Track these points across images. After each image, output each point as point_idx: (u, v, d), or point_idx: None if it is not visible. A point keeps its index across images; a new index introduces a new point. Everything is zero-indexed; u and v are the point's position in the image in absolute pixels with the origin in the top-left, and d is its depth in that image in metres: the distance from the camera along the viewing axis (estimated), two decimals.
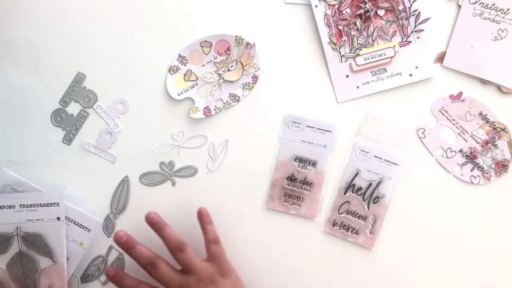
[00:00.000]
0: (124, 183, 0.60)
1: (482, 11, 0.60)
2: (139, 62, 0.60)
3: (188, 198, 0.60)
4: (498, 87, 0.60)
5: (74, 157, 0.60)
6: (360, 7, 0.60)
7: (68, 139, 0.60)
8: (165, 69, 0.60)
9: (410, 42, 0.60)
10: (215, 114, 0.60)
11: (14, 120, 0.60)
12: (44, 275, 0.58)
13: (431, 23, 0.59)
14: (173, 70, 0.60)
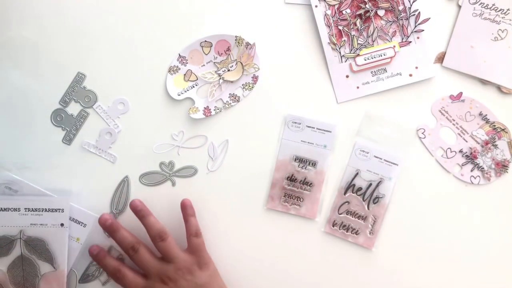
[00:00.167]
0: (124, 183, 0.60)
1: (482, 12, 0.60)
2: (139, 62, 0.60)
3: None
4: (498, 87, 0.60)
5: (74, 157, 0.60)
6: (360, 7, 0.60)
7: (68, 139, 0.60)
8: (165, 69, 0.60)
9: (410, 42, 0.60)
10: (215, 114, 0.60)
11: (14, 120, 0.60)
12: (43, 281, 0.58)
13: (431, 23, 0.59)
14: (173, 70, 0.60)
